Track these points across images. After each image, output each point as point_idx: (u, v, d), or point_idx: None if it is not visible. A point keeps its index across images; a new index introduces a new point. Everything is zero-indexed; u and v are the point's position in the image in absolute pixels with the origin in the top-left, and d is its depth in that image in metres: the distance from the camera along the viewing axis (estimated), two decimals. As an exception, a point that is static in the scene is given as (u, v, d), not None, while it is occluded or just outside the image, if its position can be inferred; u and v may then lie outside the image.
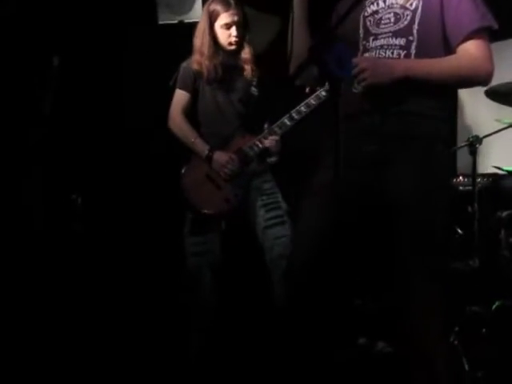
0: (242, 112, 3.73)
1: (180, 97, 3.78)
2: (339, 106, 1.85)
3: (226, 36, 3.64)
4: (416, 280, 2.28)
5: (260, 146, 3.71)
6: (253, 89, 3.76)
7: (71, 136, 4.35)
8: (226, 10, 3.61)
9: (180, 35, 4.22)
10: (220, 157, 3.64)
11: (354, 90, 2.43)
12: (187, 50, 3.78)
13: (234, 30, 3.62)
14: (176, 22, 4.57)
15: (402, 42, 2.41)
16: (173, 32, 4.56)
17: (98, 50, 4.50)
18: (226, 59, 3.70)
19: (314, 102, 3.52)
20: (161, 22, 4.60)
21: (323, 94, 3.46)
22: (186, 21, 4.55)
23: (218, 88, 3.72)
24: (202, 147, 3.68)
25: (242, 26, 3.66)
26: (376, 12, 2.48)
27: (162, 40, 4.59)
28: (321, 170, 2.44)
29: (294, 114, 3.59)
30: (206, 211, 3.64)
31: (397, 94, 2.38)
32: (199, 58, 3.66)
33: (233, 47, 3.66)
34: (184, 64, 3.75)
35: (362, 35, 2.50)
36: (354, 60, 2.33)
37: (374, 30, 2.48)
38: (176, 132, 3.75)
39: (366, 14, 2.51)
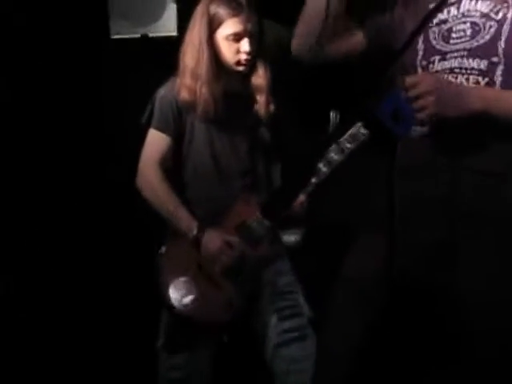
0: (248, 166, 3.05)
1: (156, 142, 3.03)
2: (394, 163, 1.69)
3: (233, 51, 2.96)
4: None
5: None
6: (263, 131, 3.10)
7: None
8: (235, 15, 2.92)
9: (142, 53, 3.97)
10: (212, 241, 2.94)
11: (412, 133, 2.17)
12: (155, 72, 3.20)
13: (245, 44, 2.93)
14: (138, 36, 4.02)
15: (483, 64, 2.16)
16: (132, 49, 4.05)
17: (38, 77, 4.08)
18: (231, 86, 3.00)
19: (360, 135, 2.79)
20: (115, 37, 4.04)
21: (362, 131, 2.78)
22: (152, 35, 4.02)
23: (217, 129, 3.02)
24: (186, 223, 2.96)
25: (256, 38, 2.97)
26: (444, 21, 2.25)
27: (117, 60, 4.12)
28: (362, 255, 2.25)
29: (336, 152, 2.83)
30: (197, 319, 2.92)
31: (472, 138, 2.12)
32: (191, 84, 2.95)
33: (242, 68, 2.97)
34: (162, 92, 3.03)
35: (421, 52, 2.27)
36: (411, 79, 2.04)
37: (440, 46, 2.25)
38: (148, 195, 3.00)
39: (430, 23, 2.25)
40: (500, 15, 2.20)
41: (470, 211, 2.19)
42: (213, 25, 2.96)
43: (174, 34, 3.89)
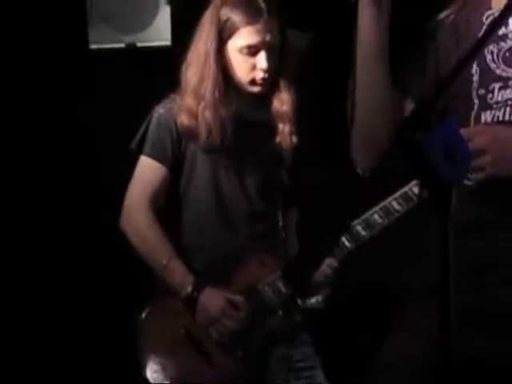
0: (260, 210, 2.97)
1: (149, 173, 2.96)
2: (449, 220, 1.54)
3: (248, 68, 2.86)
4: None
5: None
6: (281, 168, 3.03)
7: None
8: (251, 22, 2.81)
9: (129, 67, 3.96)
10: (212, 300, 2.87)
11: (467, 183, 2.04)
12: (144, 90, 3.40)
13: (262, 59, 2.82)
14: (122, 46, 3.96)
15: None
16: (116, 62, 3.99)
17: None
18: (244, 110, 2.93)
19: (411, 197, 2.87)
20: (94, 46, 3.96)
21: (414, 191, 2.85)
22: (140, 44, 3.94)
23: (224, 163, 2.96)
24: (180, 278, 2.88)
25: (278, 52, 2.86)
26: (503, 38, 2.09)
27: (97, 76, 4.05)
28: (407, 334, 2.12)
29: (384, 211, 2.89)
30: None
31: None
32: (192, 106, 2.88)
33: (257, 89, 2.88)
34: (160, 111, 2.94)
35: (476, 78, 2.10)
36: (466, 132, 1.88)
37: (501, 70, 2.09)
38: (135, 240, 2.92)
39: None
40: None
41: None
42: (224, 34, 2.86)
43: (168, 43, 3.83)
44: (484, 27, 2.13)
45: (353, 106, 2.04)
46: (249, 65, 2.84)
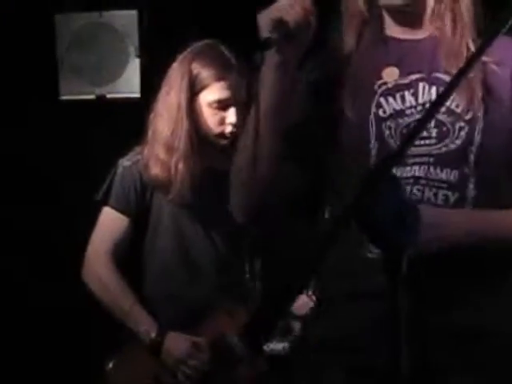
0: (227, 261, 2.99)
1: (111, 224, 2.97)
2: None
3: (217, 121, 2.91)
4: None
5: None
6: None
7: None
8: (221, 78, 2.87)
9: (98, 117, 3.99)
10: (176, 343, 2.88)
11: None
12: (113, 141, 3.37)
13: (231, 114, 2.88)
14: (93, 97, 4.04)
15: (453, 176, 2.00)
16: (86, 112, 4.03)
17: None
18: (212, 161, 2.97)
19: None
20: (64, 98, 4.04)
21: None
22: (110, 96, 4.01)
23: (190, 214, 2.97)
24: (143, 324, 2.88)
25: (245, 107, 2.86)
26: (400, 113, 2.02)
27: (67, 126, 4.05)
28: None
29: None
30: None
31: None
32: (165, 159, 2.89)
33: (225, 142, 2.92)
34: (125, 163, 2.96)
35: (374, 152, 2.04)
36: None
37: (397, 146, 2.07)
38: (96, 289, 2.95)
39: (380, 113, 2.03)
40: (470, 115, 2.05)
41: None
42: (194, 88, 2.89)
43: (137, 95, 3.87)
44: (376, 96, 2.11)
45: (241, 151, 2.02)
46: (218, 118, 2.88)
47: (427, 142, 2.06)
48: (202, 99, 2.89)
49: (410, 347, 1.64)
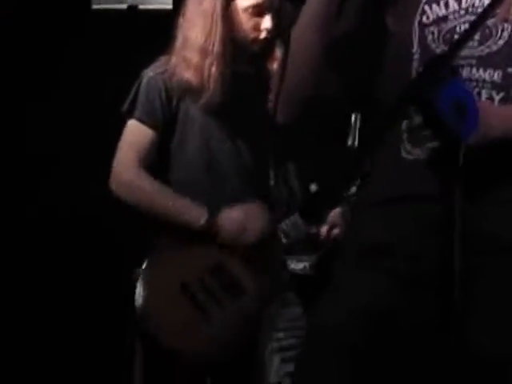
0: (253, 170, 3.02)
1: (138, 135, 2.95)
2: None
3: (252, 27, 2.94)
4: None
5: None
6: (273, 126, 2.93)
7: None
8: None
9: (129, 29, 3.95)
10: (231, 216, 2.92)
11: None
12: (144, 53, 3.12)
13: (267, 19, 2.90)
14: (124, 7, 4.00)
15: (497, 76, 1.97)
16: (116, 23, 4.01)
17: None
18: (242, 67, 2.97)
19: None
20: (96, 7, 4.00)
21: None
22: (142, 6, 3.99)
23: (217, 123, 2.96)
24: (192, 211, 2.91)
25: (278, 14, 2.91)
26: (444, 19, 2.04)
27: (98, 36, 4.03)
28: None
29: None
30: (177, 354, 2.90)
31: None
32: (198, 62, 2.87)
33: (258, 47, 2.95)
34: (150, 73, 2.94)
35: (416, 57, 2.04)
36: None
37: (442, 51, 2.03)
38: (131, 196, 2.94)
39: (424, 19, 2.05)
40: None
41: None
42: None
43: (169, 6, 3.81)
44: (421, 4, 2.10)
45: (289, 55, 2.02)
46: (253, 24, 2.90)
47: (470, 44, 2.06)
48: (237, 4, 2.91)
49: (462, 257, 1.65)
